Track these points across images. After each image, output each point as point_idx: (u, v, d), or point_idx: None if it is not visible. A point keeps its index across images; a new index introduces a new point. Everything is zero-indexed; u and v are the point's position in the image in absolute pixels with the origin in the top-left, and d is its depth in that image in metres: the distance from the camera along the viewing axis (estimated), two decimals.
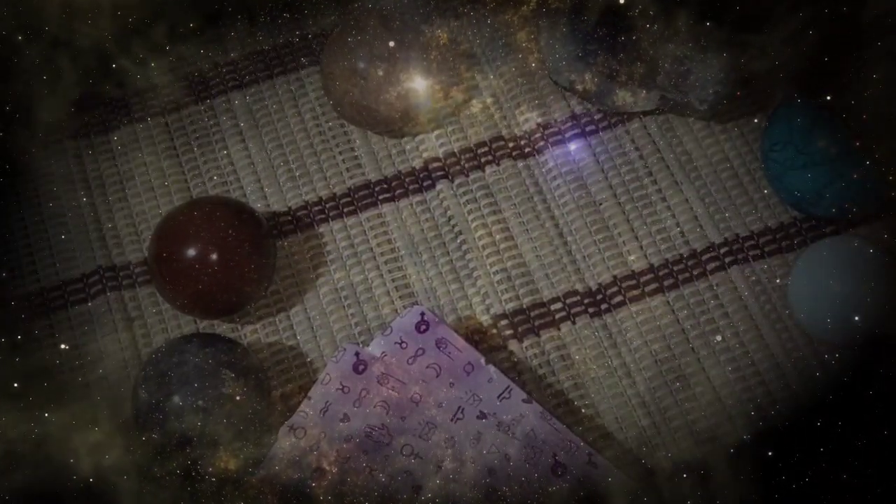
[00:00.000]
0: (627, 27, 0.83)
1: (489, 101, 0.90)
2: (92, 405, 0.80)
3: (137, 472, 0.74)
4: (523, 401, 0.75)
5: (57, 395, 0.78)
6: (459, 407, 0.76)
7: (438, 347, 0.77)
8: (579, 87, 0.86)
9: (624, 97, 0.85)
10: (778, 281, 0.82)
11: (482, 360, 0.77)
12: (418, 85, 0.85)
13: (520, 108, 0.89)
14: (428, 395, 0.76)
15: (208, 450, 0.74)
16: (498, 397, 0.75)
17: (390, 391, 0.76)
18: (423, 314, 0.78)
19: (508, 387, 0.76)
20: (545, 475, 0.73)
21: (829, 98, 0.77)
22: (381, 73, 0.83)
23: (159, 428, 0.74)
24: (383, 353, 0.77)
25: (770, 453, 0.72)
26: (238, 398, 0.75)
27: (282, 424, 0.76)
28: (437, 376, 0.76)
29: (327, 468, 0.74)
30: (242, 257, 0.79)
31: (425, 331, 0.78)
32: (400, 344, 0.77)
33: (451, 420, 0.75)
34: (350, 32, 0.84)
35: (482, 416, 0.75)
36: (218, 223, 0.79)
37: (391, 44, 0.83)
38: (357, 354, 0.77)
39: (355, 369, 0.76)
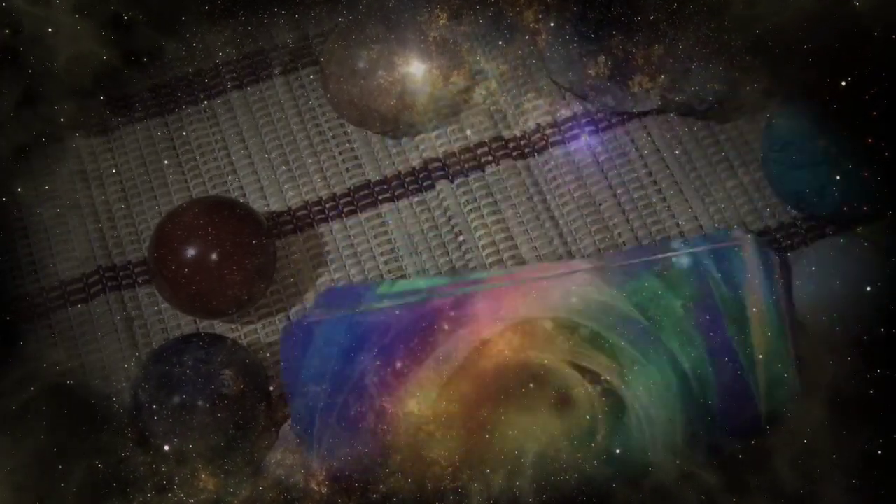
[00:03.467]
0: (628, 27, 0.83)
1: (489, 100, 0.90)
2: (91, 406, 0.79)
3: (135, 472, 0.74)
4: None
5: (56, 396, 0.78)
6: None
7: None
8: (579, 87, 0.86)
9: (624, 97, 0.85)
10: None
11: None
12: (418, 84, 0.84)
13: (520, 107, 0.89)
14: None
15: (208, 450, 0.74)
16: None
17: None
18: None
19: None
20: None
21: (829, 98, 0.77)
22: (380, 72, 0.83)
23: (158, 428, 0.74)
24: None
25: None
26: (238, 398, 0.75)
27: (282, 424, 0.76)
28: None
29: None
30: (242, 257, 0.79)
31: None
32: None
33: None
34: (349, 32, 0.84)
35: None
36: (217, 223, 0.79)
37: (390, 43, 0.83)
38: None
39: None
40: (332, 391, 0.71)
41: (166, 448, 0.74)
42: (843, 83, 0.75)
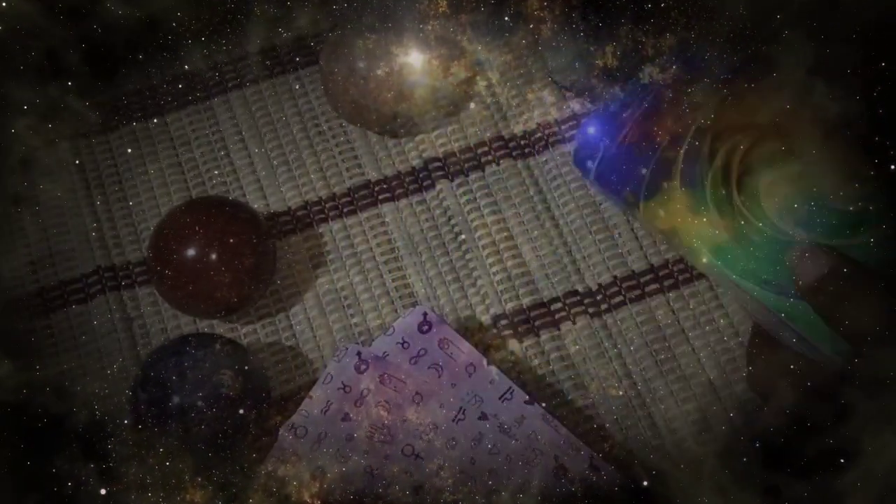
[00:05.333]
0: (629, 27, 0.82)
1: (489, 100, 0.90)
2: (90, 405, 0.79)
3: (134, 472, 0.74)
4: (525, 402, 0.75)
5: (55, 396, 0.78)
6: (461, 408, 0.75)
7: (440, 348, 0.77)
8: (580, 87, 0.86)
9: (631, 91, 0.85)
10: None
11: (484, 361, 0.77)
12: (417, 76, 0.84)
13: (520, 107, 0.89)
14: (429, 395, 0.76)
15: (207, 450, 0.74)
16: (500, 399, 0.75)
17: (392, 391, 0.76)
18: (425, 314, 0.78)
19: (510, 388, 0.76)
20: (547, 478, 0.73)
21: (841, 93, 0.77)
22: (380, 71, 0.83)
23: (158, 428, 0.74)
24: (385, 352, 0.77)
25: (769, 454, 0.71)
26: (237, 398, 0.75)
27: (282, 424, 0.76)
28: (439, 377, 0.76)
29: (327, 468, 0.74)
30: (241, 257, 0.78)
31: (427, 331, 0.77)
32: (402, 344, 0.77)
33: (453, 421, 0.75)
34: (349, 32, 0.84)
35: (483, 417, 0.75)
36: (217, 223, 0.79)
37: (389, 36, 0.83)
38: (359, 354, 0.77)
39: (357, 369, 0.76)
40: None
41: (153, 455, 0.74)
42: (855, 79, 0.75)
